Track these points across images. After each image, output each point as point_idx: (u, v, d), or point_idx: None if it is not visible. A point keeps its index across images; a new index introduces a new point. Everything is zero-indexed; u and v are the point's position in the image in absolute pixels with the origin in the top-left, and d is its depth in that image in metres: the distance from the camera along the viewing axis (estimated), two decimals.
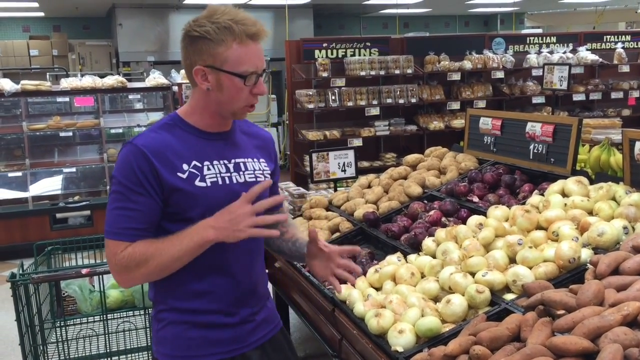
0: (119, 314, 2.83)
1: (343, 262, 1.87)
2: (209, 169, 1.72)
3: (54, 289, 2.81)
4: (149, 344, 2.65)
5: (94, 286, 2.89)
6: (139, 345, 2.67)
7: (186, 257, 1.65)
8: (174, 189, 1.65)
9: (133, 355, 2.65)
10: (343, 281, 1.95)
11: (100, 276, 2.46)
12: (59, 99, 7.30)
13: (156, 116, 7.63)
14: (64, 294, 2.91)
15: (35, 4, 11.49)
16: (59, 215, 6.94)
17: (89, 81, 7.15)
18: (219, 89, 1.68)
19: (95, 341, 2.63)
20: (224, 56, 1.64)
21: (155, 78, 7.48)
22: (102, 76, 7.56)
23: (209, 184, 1.70)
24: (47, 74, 9.87)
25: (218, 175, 1.73)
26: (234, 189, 1.72)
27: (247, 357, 1.82)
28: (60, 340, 2.58)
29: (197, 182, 1.68)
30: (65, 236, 3.96)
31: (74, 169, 7.27)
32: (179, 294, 1.74)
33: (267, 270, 2.12)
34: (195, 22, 1.68)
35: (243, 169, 1.79)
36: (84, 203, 6.99)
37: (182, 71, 7.60)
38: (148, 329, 2.65)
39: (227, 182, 1.73)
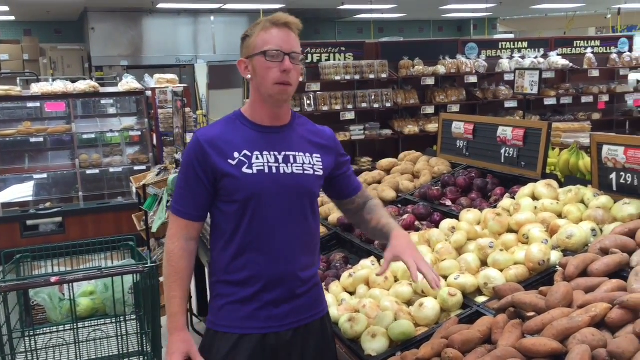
0: (89, 322, 2.79)
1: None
2: (257, 158, 1.91)
3: (22, 297, 2.76)
4: (121, 352, 2.62)
5: (63, 294, 2.84)
6: (111, 354, 2.63)
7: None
8: (224, 174, 1.88)
9: None
10: None
11: (71, 284, 2.42)
12: (30, 104, 7.18)
13: (130, 121, 7.55)
14: (33, 302, 2.85)
15: (6, 8, 11.31)
16: (29, 222, 6.82)
17: (60, 86, 7.05)
18: (255, 74, 1.92)
19: (65, 350, 2.59)
20: (254, 44, 1.90)
21: (129, 83, 7.41)
22: (74, 81, 7.46)
23: (255, 172, 1.89)
24: (18, 78, 9.71)
25: (266, 164, 1.91)
26: (280, 178, 1.91)
27: (280, 336, 1.94)
28: (29, 349, 2.53)
29: (245, 169, 1.89)
30: (36, 243, 3.89)
31: (45, 175, 7.15)
32: (225, 266, 1.95)
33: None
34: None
35: (292, 161, 1.95)
36: (55, 210, 6.88)
37: (156, 75, 7.53)
38: (120, 337, 2.61)
39: (274, 171, 1.91)
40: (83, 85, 7.12)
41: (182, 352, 1.89)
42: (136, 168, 7.21)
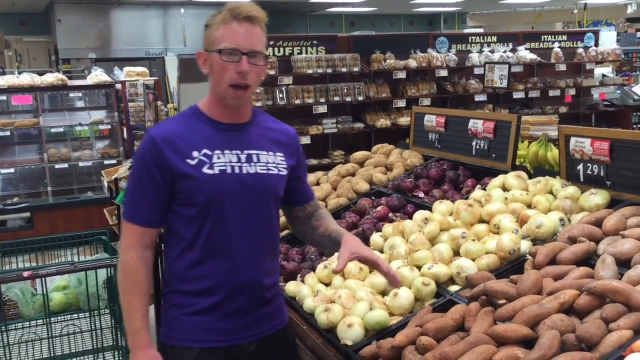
0: (63, 317, 2.76)
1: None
2: (219, 157, 1.78)
3: None
4: (95, 346, 2.60)
5: (36, 289, 2.81)
6: (85, 349, 2.61)
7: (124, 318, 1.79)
8: (182, 174, 1.75)
9: (78, 359, 2.59)
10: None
11: (43, 279, 2.39)
12: None
13: (99, 115, 7.45)
14: (4, 297, 2.81)
15: None
16: None
17: (27, 79, 6.92)
18: (212, 70, 1.79)
19: (38, 345, 2.56)
20: (212, 37, 1.77)
21: (98, 75, 7.31)
22: (40, 74, 7.32)
23: (216, 172, 1.76)
24: None
25: (228, 164, 1.79)
26: (243, 179, 1.80)
27: (242, 349, 1.84)
28: (1, 345, 2.50)
29: (205, 169, 1.76)
30: (4, 239, 3.83)
31: (12, 170, 7.03)
32: (184, 275, 1.81)
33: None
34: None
35: (255, 160, 1.83)
36: (23, 205, 6.76)
37: (126, 68, 7.44)
38: (94, 332, 2.59)
39: (237, 171, 1.79)
40: (51, 78, 7.00)
41: None
42: (106, 162, 7.12)
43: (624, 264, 1.92)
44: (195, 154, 1.76)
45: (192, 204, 1.77)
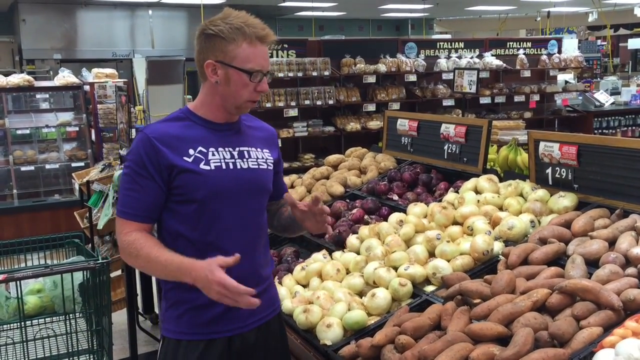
0: (37, 320, 2.72)
1: (320, 209, 1.93)
2: (213, 154, 1.86)
3: None
4: (70, 350, 2.58)
5: (9, 292, 2.77)
6: (59, 353, 2.59)
7: (167, 279, 1.84)
8: (180, 170, 1.81)
9: None
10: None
11: (18, 282, 2.36)
12: None
13: (66, 116, 7.34)
14: None
15: None
16: None
17: None
18: (227, 83, 1.84)
19: (12, 349, 2.53)
20: (234, 53, 1.82)
21: (65, 77, 7.20)
22: (4, 74, 7.18)
23: (212, 168, 1.84)
24: None
25: (222, 160, 1.87)
26: (238, 174, 1.88)
27: (245, 338, 1.92)
28: None
29: (202, 165, 1.83)
30: None
31: None
32: None
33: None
34: (211, 22, 1.85)
35: (247, 156, 1.93)
36: None
37: (94, 70, 7.36)
38: (69, 335, 2.57)
39: (231, 167, 1.88)
40: (17, 79, 6.87)
41: (216, 266, 1.67)
42: (74, 165, 7.03)
43: (592, 263, 2.00)
44: (190, 151, 1.84)
45: (189, 200, 1.83)
